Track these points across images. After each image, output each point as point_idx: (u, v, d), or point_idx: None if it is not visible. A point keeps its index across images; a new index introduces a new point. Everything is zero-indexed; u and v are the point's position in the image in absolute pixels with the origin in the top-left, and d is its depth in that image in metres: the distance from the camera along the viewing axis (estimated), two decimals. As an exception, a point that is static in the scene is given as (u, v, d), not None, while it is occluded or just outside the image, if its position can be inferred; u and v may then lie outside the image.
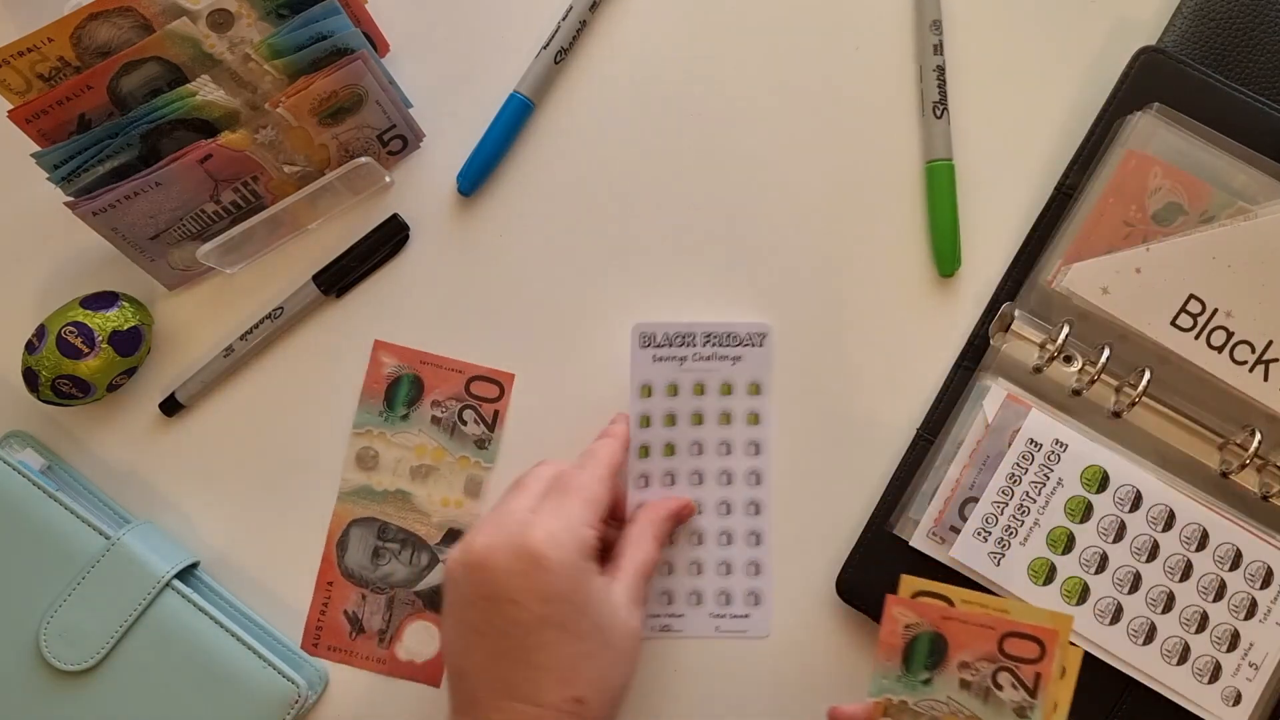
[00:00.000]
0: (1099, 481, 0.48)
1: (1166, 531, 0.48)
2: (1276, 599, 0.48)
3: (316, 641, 0.52)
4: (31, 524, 0.49)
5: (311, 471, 0.53)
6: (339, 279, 0.54)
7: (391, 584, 0.52)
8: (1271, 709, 0.48)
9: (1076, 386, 0.50)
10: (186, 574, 0.51)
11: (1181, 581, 0.48)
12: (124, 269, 0.52)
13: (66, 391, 0.50)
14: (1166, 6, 0.54)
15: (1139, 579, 0.48)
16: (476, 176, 0.54)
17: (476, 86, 0.55)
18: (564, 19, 0.55)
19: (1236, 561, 0.48)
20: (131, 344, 0.51)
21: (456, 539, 0.53)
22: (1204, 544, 0.48)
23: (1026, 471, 0.48)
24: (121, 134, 0.48)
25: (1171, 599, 0.48)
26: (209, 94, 0.48)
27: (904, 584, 0.43)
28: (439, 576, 0.52)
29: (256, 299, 0.54)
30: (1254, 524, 0.48)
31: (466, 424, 0.53)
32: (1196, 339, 0.49)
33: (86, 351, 0.50)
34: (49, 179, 0.48)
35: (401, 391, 0.54)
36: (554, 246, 0.55)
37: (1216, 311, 0.49)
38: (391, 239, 0.54)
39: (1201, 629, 0.48)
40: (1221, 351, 0.49)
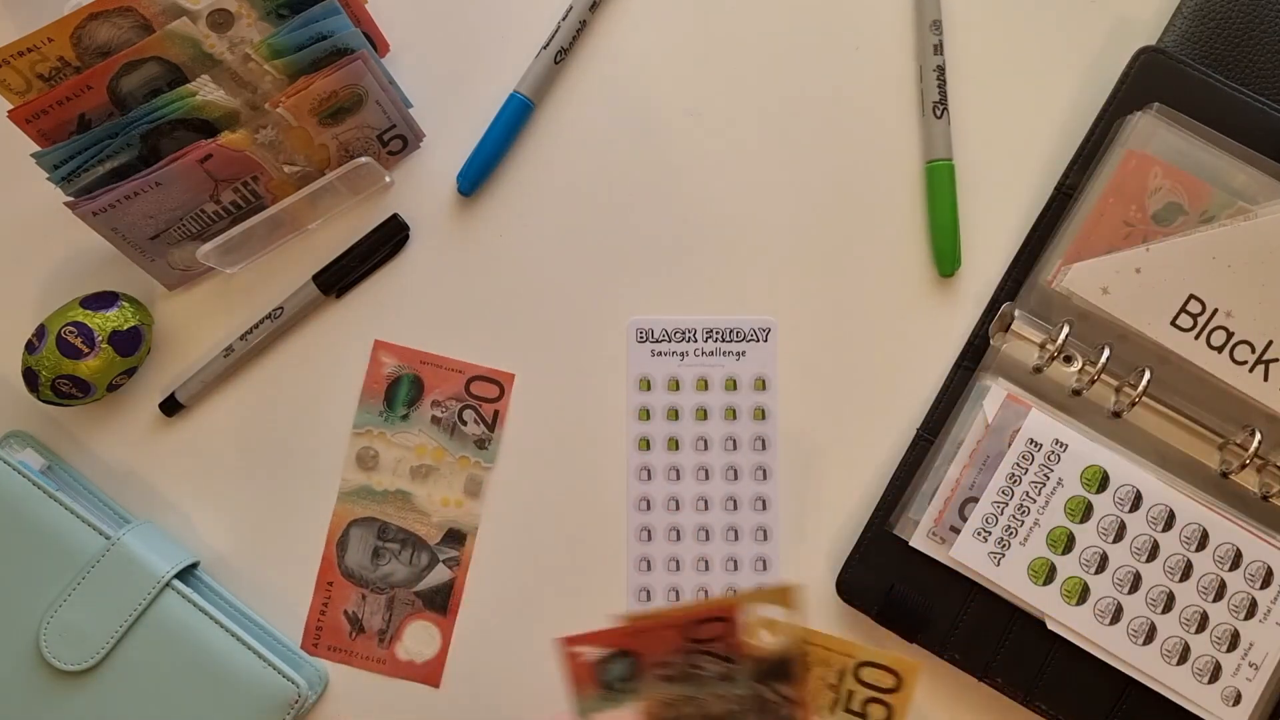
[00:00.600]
0: (1099, 481, 0.48)
1: (1166, 531, 0.48)
2: (1276, 599, 0.48)
3: (316, 641, 0.52)
4: (31, 524, 0.49)
5: (311, 471, 0.53)
6: (339, 279, 0.54)
7: (391, 584, 0.53)
8: (1271, 709, 0.48)
9: (1076, 386, 0.50)
10: (186, 574, 0.51)
11: (1181, 581, 0.48)
12: (124, 269, 0.52)
13: (66, 391, 0.50)
14: (1166, 6, 0.54)
15: (1139, 579, 0.48)
16: (476, 176, 0.54)
17: (476, 86, 0.55)
18: (564, 19, 0.55)
19: (1236, 561, 0.48)
20: (131, 344, 0.51)
21: (456, 539, 0.53)
22: (1204, 544, 0.48)
23: (1026, 471, 0.48)
24: (121, 134, 0.48)
25: (1171, 599, 0.48)
26: (209, 94, 0.48)
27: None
28: (439, 576, 0.52)
29: (256, 299, 0.55)
30: (1254, 524, 0.48)
31: (466, 424, 0.53)
32: (1196, 339, 0.49)
33: (86, 351, 0.50)
34: (49, 179, 0.48)
35: (401, 391, 0.54)
36: (554, 246, 0.55)
37: (1216, 311, 0.49)
38: (391, 239, 0.54)
39: (1201, 629, 0.48)
40: (1221, 351, 0.49)
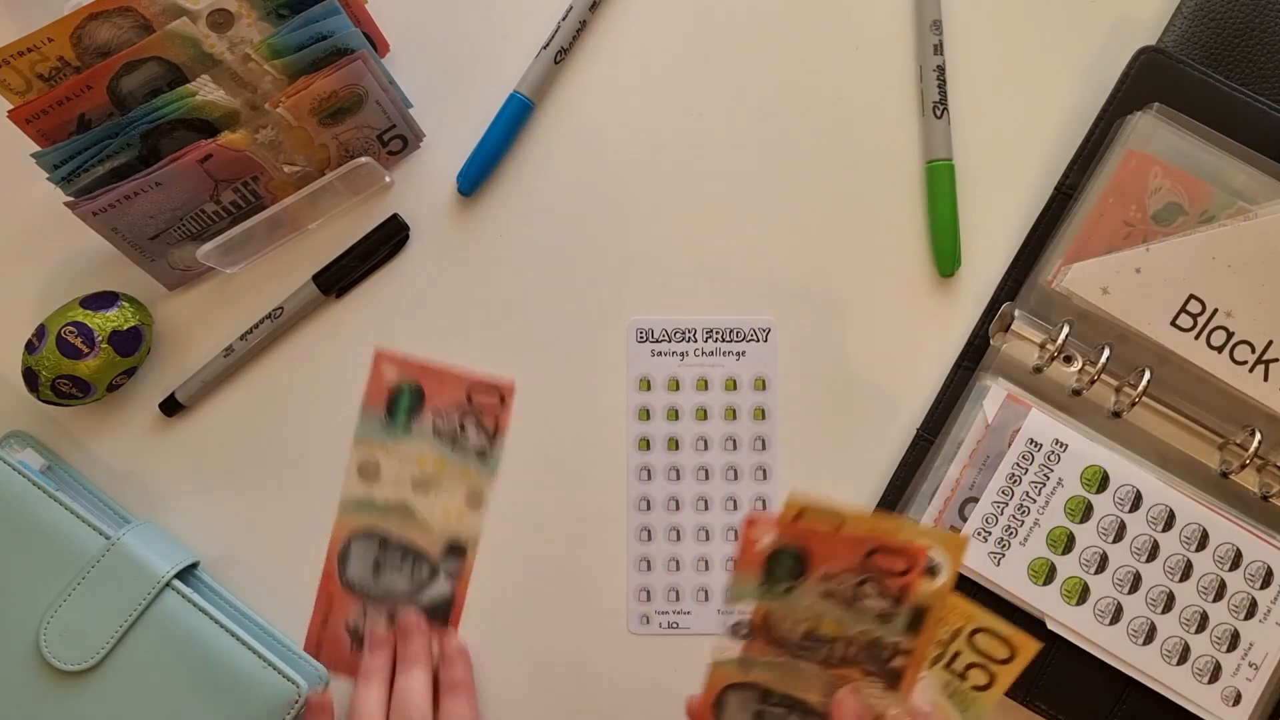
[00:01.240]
0: (1099, 481, 0.48)
1: (1166, 531, 0.48)
2: (1276, 599, 0.48)
3: (317, 655, 0.52)
4: (31, 524, 0.48)
5: (311, 469, 0.53)
6: (339, 279, 0.54)
7: (393, 597, 0.52)
8: (1271, 709, 0.48)
9: (1076, 386, 0.50)
10: (186, 574, 0.50)
11: (1181, 581, 0.48)
12: (124, 269, 0.52)
13: (66, 391, 0.50)
14: (1166, 6, 0.54)
15: (1139, 579, 0.48)
16: (476, 176, 0.54)
17: (476, 86, 0.55)
18: (564, 19, 0.55)
19: (1236, 561, 0.48)
20: (131, 344, 0.51)
21: (458, 550, 0.52)
22: (1204, 544, 0.48)
23: (1026, 471, 0.48)
24: (121, 134, 0.47)
25: (1171, 599, 0.48)
26: (209, 94, 0.48)
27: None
28: (440, 588, 0.52)
29: (256, 299, 0.54)
30: (1254, 524, 0.48)
31: (468, 434, 0.53)
32: (1196, 339, 0.49)
33: (86, 351, 0.50)
34: (49, 179, 0.48)
35: (402, 402, 0.53)
36: (554, 247, 0.55)
37: (1216, 311, 0.49)
38: (391, 239, 0.54)
39: (1201, 629, 0.48)
40: (1221, 351, 0.49)
